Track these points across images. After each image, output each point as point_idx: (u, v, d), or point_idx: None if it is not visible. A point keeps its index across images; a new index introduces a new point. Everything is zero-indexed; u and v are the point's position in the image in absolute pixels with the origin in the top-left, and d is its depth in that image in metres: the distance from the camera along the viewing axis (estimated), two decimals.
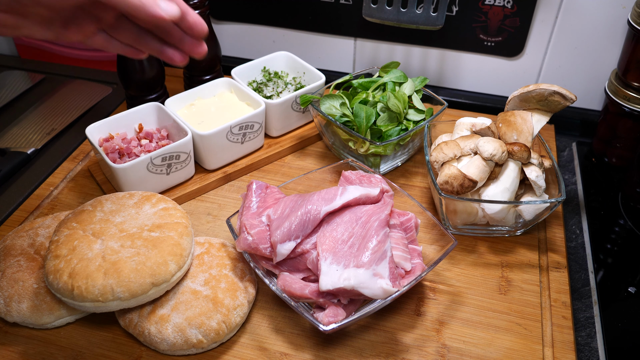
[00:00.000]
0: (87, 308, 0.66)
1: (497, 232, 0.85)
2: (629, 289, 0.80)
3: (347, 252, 0.68)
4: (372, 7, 1.00)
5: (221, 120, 0.94)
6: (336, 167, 0.86)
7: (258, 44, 1.22)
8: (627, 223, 0.90)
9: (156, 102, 0.94)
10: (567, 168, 1.03)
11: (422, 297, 0.77)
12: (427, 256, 0.76)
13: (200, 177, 0.93)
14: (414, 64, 1.16)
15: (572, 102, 0.81)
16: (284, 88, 1.03)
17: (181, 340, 0.66)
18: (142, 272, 0.65)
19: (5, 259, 0.73)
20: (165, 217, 0.72)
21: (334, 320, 0.65)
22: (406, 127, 0.91)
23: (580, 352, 0.73)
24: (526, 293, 0.77)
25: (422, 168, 0.98)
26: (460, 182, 0.77)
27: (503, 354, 0.70)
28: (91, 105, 1.12)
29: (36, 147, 1.01)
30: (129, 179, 0.83)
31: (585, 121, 1.11)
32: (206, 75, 1.06)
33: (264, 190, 0.77)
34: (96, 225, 0.70)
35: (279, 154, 0.99)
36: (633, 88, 0.94)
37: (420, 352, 0.70)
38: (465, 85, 1.16)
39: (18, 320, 0.71)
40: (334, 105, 0.93)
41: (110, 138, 0.90)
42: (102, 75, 1.21)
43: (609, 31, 1.01)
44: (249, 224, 0.71)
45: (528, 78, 1.12)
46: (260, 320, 0.74)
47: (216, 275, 0.71)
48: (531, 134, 0.83)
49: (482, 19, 1.05)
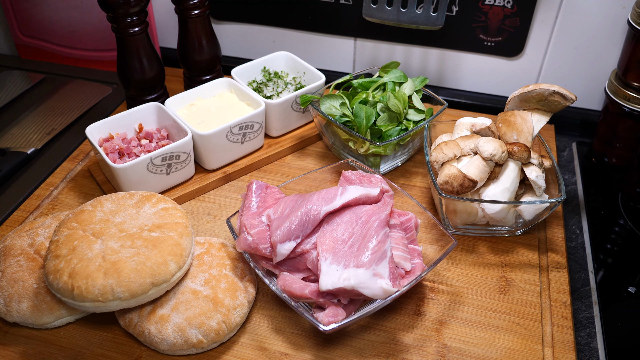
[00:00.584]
0: (87, 308, 0.66)
1: (497, 232, 0.85)
2: (629, 289, 0.80)
3: (347, 252, 0.68)
4: (372, 7, 1.00)
5: (221, 120, 0.94)
6: (336, 167, 0.86)
7: (258, 44, 1.22)
8: (627, 223, 0.90)
9: (156, 102, 0.94)
10: (567, 168, 1.03)
11: (422, 297, 0.77)
12: (427, 256, 0.76)
13: (200, 177, 0.93)
14: (414, 64, 1.16)
15: (572, 102, 0.81)
16: (284, 88, 1.03)
17: (181, 340, 0.66)
18: (142, 272, 0.65)
19: (5, 259, 0.73)
20: (165, 217, 0.72)
21: (334, 320, 0.65)
22: (406, 127, 0.91)
23: (580, 352, 0.73)
24: (526, 293, 0.77)
25: (422, 168, 0.98)
26: (460, 182, 0.77)
27: (503, 354, 0.70)
28: (91, 105, 1.12)
29: (36, 147, 1.01)
30: (129, 179, 0.83)
31: (585, 121, 1.11)
32: (206, 75, 1.06)
33: (264, 190, 0.77)
34: (96, 225, 0.70)
35: (279, 154, 0.99)
36: (633, 88, 0.93)
37: (420, 352, 0.70)
38: (465, 85, 1.16)
39: (18, 320, 0.71)
40: (334, 105, 0.93)
41: (110, 138, 0.90)
42: (102, 75, 1.21)
43: (609, 31, 1.01)
44: (249, 224, 0.71)
45: (528, 78, 1.12)
46: (260, 320, 0.74)
47: (216, 275, 0.71)
48: (531, 134, 0.83)
49: (482, 19, 1.05)
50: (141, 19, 0.92)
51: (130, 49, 0.94)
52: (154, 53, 0.98)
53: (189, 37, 1.01)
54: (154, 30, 1.18)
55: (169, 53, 1.23)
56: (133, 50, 0.94)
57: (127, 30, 0.92)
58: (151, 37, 0.98)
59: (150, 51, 0.96)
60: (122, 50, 0.95)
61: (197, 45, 1.01)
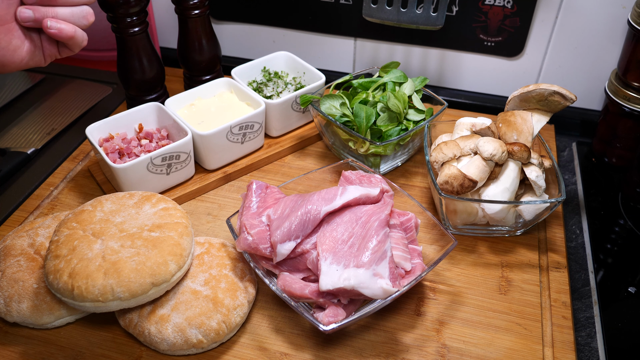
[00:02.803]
0: (87, 308, 0.66)
1: (497, 232, 0.85)
2: (629, 289, 0.80)
3: (347, 252, 0.68)
4: (372, 7, 1.00)
5: (221, 120, 0.94)
6: (336, 167, 0.86)
7: (258, 44, 1.22)
8: (627, 223, 0.90)
9: (156, 102, 0.94)
10: (567, 168, 1.03)
11: (422, 297, 0.77)
12: (427, 256, 0.76)
13: (200, 177, 0.93)
14: (414, 64, 1.16)
15: (572, 102, 0.81)
16: (284, 88, 1.03)
17: (181, 340, 0.66)
18: (142, 272, 0.65)
19: (5, 259, 0.73)
20: (165, 217, 0.72)
21: (334, 320, 0.65)
22: (406, 127, 0.91)
23: (580, 352, 0.73)
24: (526, 293, 0.77)
25: (422, 168, 0.98)
26: (460, 182, 0.77)
27: (503, 354, 0.70)
28: (91, 105, 1.12)
29: (36, 147, 1.01)
30: (129, 179, 0.83)
31: (585, 121, 1.11)
32: (206, 75, 1.06)
33: (264, 190, 0.77)
34: (96, 225, 0.70)
35: (279, 154, 0.99)
36: (633, 88, 0.93)
37: (420, 352, 0.70)
38: (465, 85, 1.16)
39: (18, 320, 0.71)
40: (334, 105, 0.93)
41: (110, 138, 0.90)
42: (102, 75, 1.21)
43: (609, 31, 1.01)
44: (249, 224, 0.71)
45: (528, 78, 1.12)
46: (260, 320, 0.74)
47: (216, 275, 0.71)
48: (531, 134, 0.83)
49: (482, 19, 1.05)
50: (141, 19, 0.92)
51: (130, 49, 0.94)
52: (154, 53, 0.98)
53: (189, 37, 1.01)
54: (154, 30, 1.18)
55: (169, 53, 1.23)
56: (133, 50, 0.94)
57: (127, 30, 0.92)
58: (151, 37, 0.98)
59: (150, 51, 0.96)
60: (122, 50, 0.95)
61: (197, 45, 1.01)
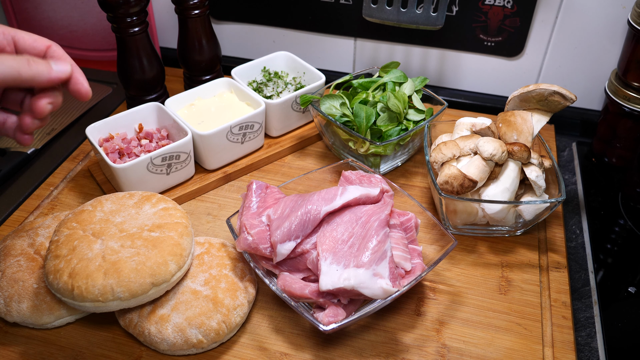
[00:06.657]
0: (87, 308, 0.66)
1: (497, 232, 0.85)
2: (629, 289, 0.80)
3: (347, 252, 0.68)
4: (372, 7, 1.00)
5: (221, 120, 0.94)
6: (336, 167, 0.86)
7: (258, 44, 1.22)
8: (627, 223, 0.90)
9: (156, 102, 0.94)
10: (567, 168, 1.03)
11: (422, 297, 0.77)
12: (427, 256, 0.76)
13: (200, 177, 0.93)
14: (414, 64, 1.16)
15: (572, 102, 0.81)
16: (284, 88, 1.03)
17: (181, 340, 0.66)
18: (142, 272, 0.65)
19: (5, 259, 0.73)
20: (165, 217, 0.72)
21: (334, 320, 0.65)
22: (406, 127, 0.91)
23: (580, 352, 0.73)
24: (526, 293, 0.77)
25: (422, 168, 0.98)
26: (460, 182, 0.77)
27: (503, 354, 0.70)
28: (91, 105, 1.12)
29: (36, 147, 1.01)
30: (129, 179, 0.83)
31: (585, 121, 1.10)
32: (206, 75, 1.06)
33: (264, 190, 0.77)
34: (96, 225, 0.70)
35: (279, 154, 0.99)
36: (633, 88, 0.93)
37: (420, 352, 0.70)
38: (465, 85, 1.16)
39: (18, 320, 0.71)
40: (334, 105, 0.93)
41: (110, 138, 0.90)
42: (102, 75, 1.21)
43: (609, 31, 1.01)
44: (249, 224, 0.71)
45: (528, 78, 1.12)
46: (260, 320, 0.74)
47: (216, 275, 0.71)
48: (531, 134, 0.83)
49: (482, 19, 1.05)
50: (141, 19, 0.92)
51: (130, 49, 0.94)
52: (154, 53, 0.98)
53: (189, 37, 1.01)
54: (154, 30, 1.18)
55: (169, 53, 1.23)
56: (133, 50, 0.94)
57: (127, 30, 0.92)
58: (151, 37, 0.98)
59: (150, 51, 0.96)
60: (122, 50, 0.95)
61: (197, 45, 1.01)
